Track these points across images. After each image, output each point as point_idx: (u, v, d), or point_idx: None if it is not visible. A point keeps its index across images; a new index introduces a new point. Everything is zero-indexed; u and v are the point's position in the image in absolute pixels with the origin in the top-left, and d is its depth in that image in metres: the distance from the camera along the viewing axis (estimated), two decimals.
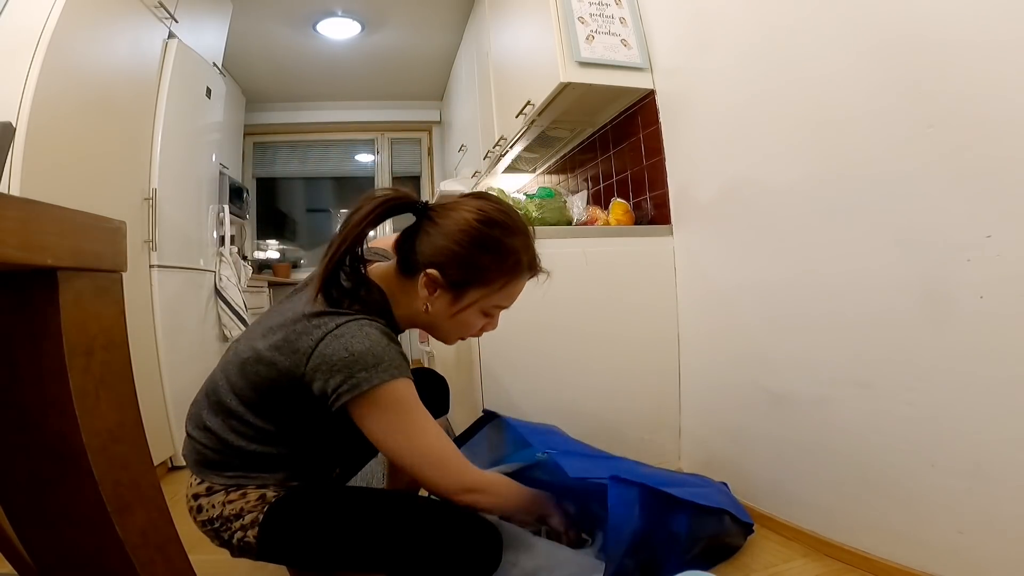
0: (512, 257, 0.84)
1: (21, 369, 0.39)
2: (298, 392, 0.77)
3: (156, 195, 1.92)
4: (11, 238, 0.33)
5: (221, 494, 0.81)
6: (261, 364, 0.78)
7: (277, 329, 0.79)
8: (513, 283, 0.86)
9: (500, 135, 2.29)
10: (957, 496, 0.87)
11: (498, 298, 0.86)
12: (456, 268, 0.82)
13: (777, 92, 1.17)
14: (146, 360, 1.83)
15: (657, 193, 1.63)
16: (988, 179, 0.81)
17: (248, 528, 0.79)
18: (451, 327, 0.89)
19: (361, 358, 0.74)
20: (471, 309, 0.86)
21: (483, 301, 0.85)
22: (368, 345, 0.75)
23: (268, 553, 0.81)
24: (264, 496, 0.81)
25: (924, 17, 0.88)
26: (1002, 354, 0.80)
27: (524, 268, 0.86)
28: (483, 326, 0.90)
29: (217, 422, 0.82)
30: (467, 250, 0.81)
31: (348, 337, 0.75)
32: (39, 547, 0.44)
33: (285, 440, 0.82)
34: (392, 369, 0.75)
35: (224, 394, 0.82)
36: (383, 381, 0.74)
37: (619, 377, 1.52)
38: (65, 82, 1.50)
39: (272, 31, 3.08)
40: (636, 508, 0.91)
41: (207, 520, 0.82)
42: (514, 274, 0.85)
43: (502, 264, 0.84)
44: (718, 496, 1.12)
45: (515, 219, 0.87)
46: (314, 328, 0.76)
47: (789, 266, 1.17)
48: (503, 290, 0.86)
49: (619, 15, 1.66)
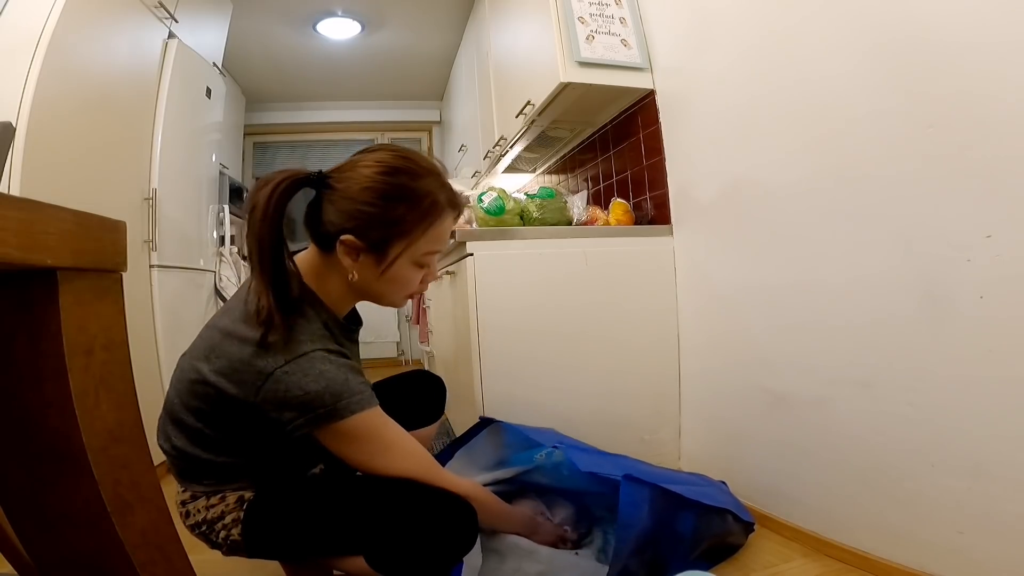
0: (427, 199, 0.79)
1: (21, 369, 0.39)
2: (252, 412, 0.74)
3: (156, 195, 1.92)
4: (11, 238, 0.33)
5: (203, 499, 0.81)
6: (208, 386, 0.75)
7: (219, 352, 0.75)
8: (436, 225, 0.81)
9: (500, 135, 2.29)
10: (957, 496, 0.87)
11: (424, 244, 0.81)
12: (372, 228, 0.77)
13: (777, 92, 1.17)
14: (146, 360, 1.84)
15: (657, 193, 1.63)
16: (988, 179, 0.81)
17: (231, 527, 0.80)
18: (387, 288, 0.84)
19: (318, 397, 0.71)
20: (400, 264, 0.80)
21: (410, 252, 0.80)
22: (324, 384, 0.72)
23: (255, 548, 0.82)
24: (243, 497, 0.82)
25: (924, 17, 0.88)
26: (1002, 354, 0.80)
27: (444, 206, 0.81)
28: (423, 277, 0.85)
29: (181, 439, 0.79)
30: (377, 206, 0.76)
31: (300, 376, 0.71)
32: (39, 547, 0.44)
33: (249, 450, 0.81)
34: (352, 404, 0.74)
35: (179, 411, 0.79)
36: (343, 417, 0.73)
37: (619, 377, 1.52)
38: (65, 82, 1.50)
39: (272, 31, 3.08)
40: (646, 508, 0.91)
41: (194, 525, 0.82)
42: (434, 216, 0.80)
43: (418, 209, 0.79)
44: (720, 495, 1.12)
45: (419, 161, 0.82)
46: (258, 359, 0.72)
47: (789, 266, 1.17)
48: (427, 234, 0.80)
49: (619, 15, 1.66)
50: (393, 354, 4.31)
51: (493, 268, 1.43)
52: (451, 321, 1.72)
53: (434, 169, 0.82)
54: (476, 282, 1.41)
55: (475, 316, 1.40)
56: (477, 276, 1.42)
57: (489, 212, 1.58)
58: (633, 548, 0.89)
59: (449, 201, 0.82)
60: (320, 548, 0.80)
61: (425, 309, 2.55)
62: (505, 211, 1.60)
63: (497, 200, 1.60)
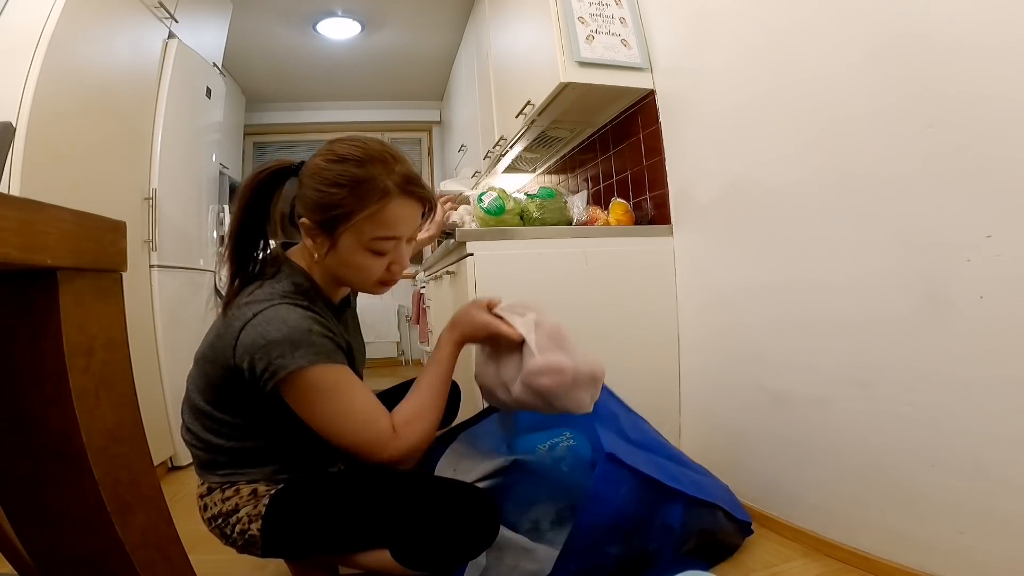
0: (366, 185, 0.80)
1: (21, 369, 0.39)
2: (244, 382, 0.78)
3: (156, 195, 1.92)
4: (11, 238, 0.33)
5: (218, 492, 0.84)
6: (207, 362, 0.81)
7: (213, 328, 0.84)
8: (382, 211, 0.81)
9: (500, 135, 2.29)
10: (957, 496, 0.87)
11: (370, 230, 0.81)
12: (318, 211, 0.81)
13: (777, 92, 1.17)
14: (146, 360, 1.84)
15: (657, 193, 1.63)
16: (988, 179, 0.81)
17: (251, 521, 0.82)
18: (347, 272, 0.87)
19: (277, 345, 0.74)
20: (347, 247, 0.83)
21: (356, 236, 0.82)
22: (285, 332, 0.75)
23: (273, 545, 0.83)
24: (256, 491, 0.83)
25: (924, 17, 0.88)
26: (1002, 354, 0.80)
27: (391, 192, 0.81)
28: (389, 265, 0.86)
29: (196, 424, 0.85)
30: (321, 192, 0.80)
31: (264, 324, 0.75)
32: (39, 547, 0.44)
33: (258, 433, 0.84)
34: (310, 355, 0.75)
35: (194, 396, 0.85)
36: (300, 367, 0.75)
37: (619, 377, 1.51)
38: (65, 82, 1.50)
39: (272, 31, 3.08)
40: (624, 489, 0.90)
41: (211, 518, 0.85)
42: (376, 201, 0.80)
43: (357, 195, 0.80)
44: (715, 489, 1.12)
45: (370, 149, 0.82)
46: (233, 320, 0.78)
47: (789, 266, 1.17)
48: (373, 220, 0.81)
49: (619, 15, 1.66)
50: (393, 354, 4.31)
51: (493, 268, 1.43)
52: None
53: (384, 156, 0.83)
54: (476, 282, 1.41)
55: None
56: (477, 276, 1.42)
57: (489, 212, 1.58)
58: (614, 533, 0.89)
59: (401, 188, 0.82)
60: (343, 542, 0.82)
61: (425, 309, 2.55)
62: (505, 211, 1.60)
63: (497, 200, 1.60)
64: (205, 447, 0.85)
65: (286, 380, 0.75)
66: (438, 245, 1.97)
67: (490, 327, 0.91)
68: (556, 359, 0.87)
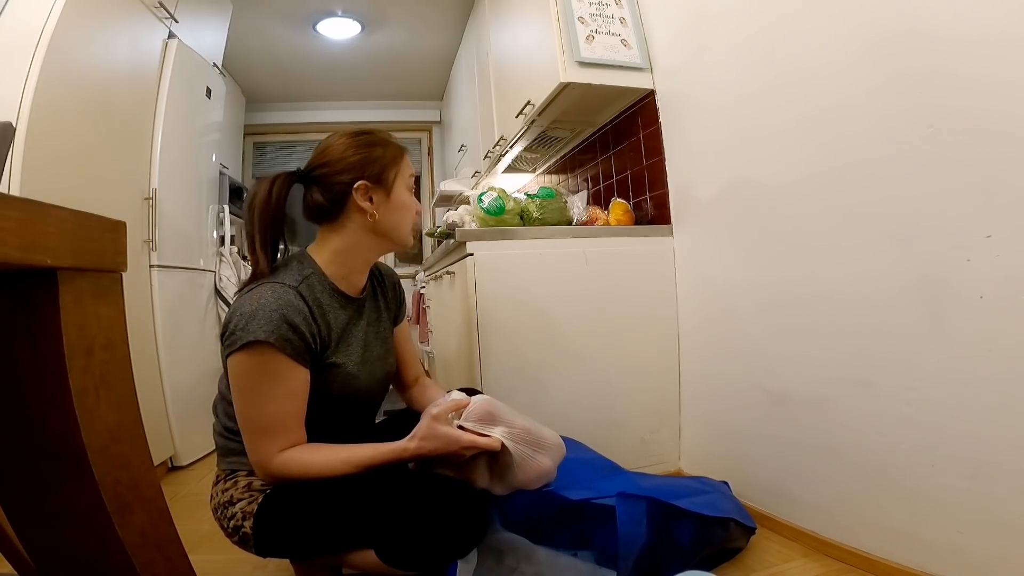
0: (389, 143, 0.97)
1: (21, 369, 0.39)
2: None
3: (156, 195, 1.92)
4: (11, 238, 0.33)
5: (221, 482, 0.88)
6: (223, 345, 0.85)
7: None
8: (404, 157, 0.99)
9: (500, 135, 2.29)
10: (957, 496, 0.87)
11: (405, 170, 0.98)
12: (368, 167, 0.92)
13: (777, 92, 1.17)
14: (146, 360, 1.84)
15: (657, 193, 1.63)
16: (988, 179, 0.81)
17: (245, 519, 0.83)
18: (398, 218, 0.96)
19: (242, 317, 0.78)
20: (398, 188, 0.96)
21: (401, 174, 0.97)
22: (255, 307, 0.78)
23: (265, 545, 0.83)
24: (251, 484, 0.85)
25: (924, 17, 0.88)
26: (1002, 354, 0.80)
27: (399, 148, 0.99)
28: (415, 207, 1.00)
29: (220, 407, 0.92)
30: (363, 152, 0.92)
31: (244, 299, 0.80)
32: (39, 547, 0.44)
33: None
34: (259, 331, 0.76)
35: (221, 379, 0.91)
36: (245, 341, 0.76)
37: (619, 377, 1.52)
38: (65, 82, 1.50)
39: (272, 31, 3.08)
40: (644, 523, 0.91)
41: (215, 508, 0.88)
42: (399, 151, 0.98)
43: (388, 148, 0.96)
44: (723, 502, 1.11)
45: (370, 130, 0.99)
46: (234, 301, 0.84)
47: (789, 266, 1.17)
48: (404, 163, 0.98)
49: (619, 15, 1.66)
50: None
51: (493, 268, 1.43)
52: (451, 321, 1.72)
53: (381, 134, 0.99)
54: (476, 282, 1.42)
55: (475, 316, 1.40)
56: (477, 276, 1.42)
57: (489, 212, 1.58)
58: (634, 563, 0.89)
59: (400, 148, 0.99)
60: (333, 543, 0.82)
61: (425, 309, 2.55)
62: (505, 211, 1.60)
63: (497, 200, 1.60)
64: (221, 431, 0.90)
65: (232, 354, 0.78)
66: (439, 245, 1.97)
67: (462, 441, 0.84)
68: (544, 466, 0.90)
